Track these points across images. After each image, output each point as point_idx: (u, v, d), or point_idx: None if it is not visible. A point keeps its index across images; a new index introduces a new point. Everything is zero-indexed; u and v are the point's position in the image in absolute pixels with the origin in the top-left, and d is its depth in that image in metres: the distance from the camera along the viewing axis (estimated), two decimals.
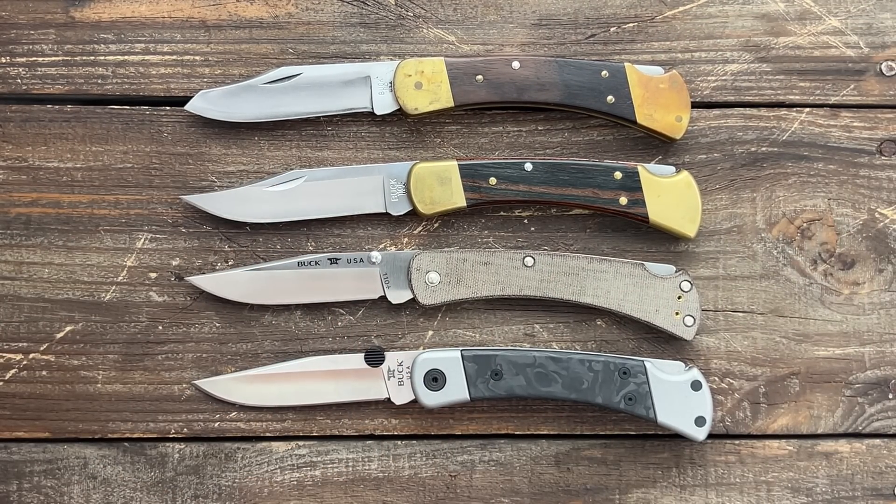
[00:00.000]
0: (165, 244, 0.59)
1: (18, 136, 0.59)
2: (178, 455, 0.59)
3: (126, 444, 0.59)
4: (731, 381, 0.60)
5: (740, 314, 0.60)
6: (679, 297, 0.58)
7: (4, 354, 0.59)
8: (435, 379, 0.57)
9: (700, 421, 0.57)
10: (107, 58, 0.60)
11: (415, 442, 0.59)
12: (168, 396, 0.59)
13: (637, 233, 0.60)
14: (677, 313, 0.58)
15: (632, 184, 0.58)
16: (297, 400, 0.58)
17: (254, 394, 0.58)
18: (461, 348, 0.57)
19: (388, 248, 0.60)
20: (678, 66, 0.61)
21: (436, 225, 0.60)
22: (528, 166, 0.58)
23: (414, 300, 0.58)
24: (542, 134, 0.61)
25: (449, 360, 0.57)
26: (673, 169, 0.59)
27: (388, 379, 0.58)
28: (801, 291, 0.60)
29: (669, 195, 0.58)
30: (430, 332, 0.60)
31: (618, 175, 0.58)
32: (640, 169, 0.58)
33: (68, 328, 0.59)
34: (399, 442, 0.59)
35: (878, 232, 0.61)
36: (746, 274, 0.60)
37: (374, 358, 0.58)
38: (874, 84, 0.62)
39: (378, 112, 0.59)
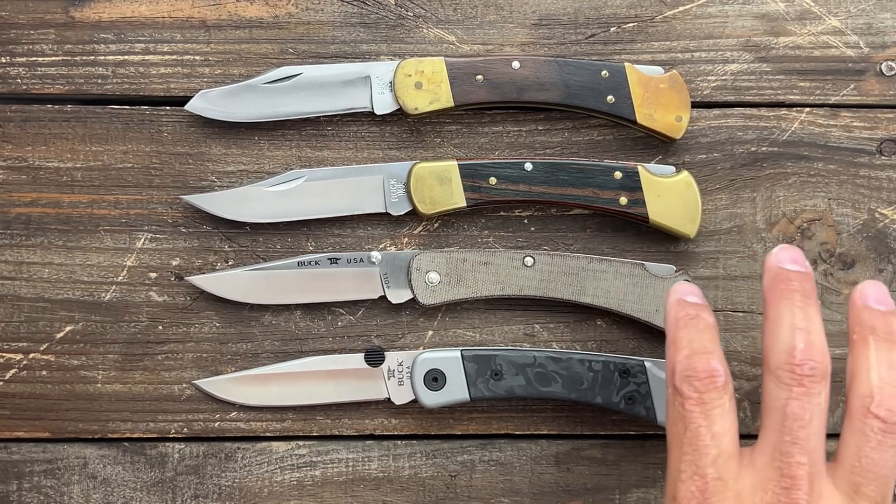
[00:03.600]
0: (165, 244, 0.59)
1: (18, 136, 0.59)
2: (178, 455, 0.59)
3: (126, 444, 0.59)
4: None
5: (740, 314, 0.60)
6: None
7: (4, 354, 0.59)
8: (435, 379, 0.57)
9: None
10: (107, 58, 0.60)
11: (415, 442, 0.59)
12: (168, 396, 0.59)
13: (637, 233, 0.60)
14: None
15: (632, 184, 0.58)
16: (297, 400, 0.58)
17: (254, 394, 0.58)
18: (461, 348, 0.57)
19: (388, 248, 0.60)
20: (678, 66, 0.61)
21: (436, 225, 0.60)
22: (528, 166, 0.58)
23: (414, 300, 0.58)
24: (542, 134, 0.61)
25: (449, 359, 0.57)
26: (673, 169, 0.59)
27: (388, 379, 0.58)
28: None
29: (669, 195, 0.58)
30: (430, 332, 0.60)
31: (618, 175, 0.58)
32: (639, 169, 0.58)
33: (68, 328, 0.59)
34: (399, 442, 0.59)
35: (878, 232, 0.61)
36: (746, 274, 0.60)
37: (374, 358, 0.58)
38: (874, 84, 0.61)
39: (378, 112, 0.59)
